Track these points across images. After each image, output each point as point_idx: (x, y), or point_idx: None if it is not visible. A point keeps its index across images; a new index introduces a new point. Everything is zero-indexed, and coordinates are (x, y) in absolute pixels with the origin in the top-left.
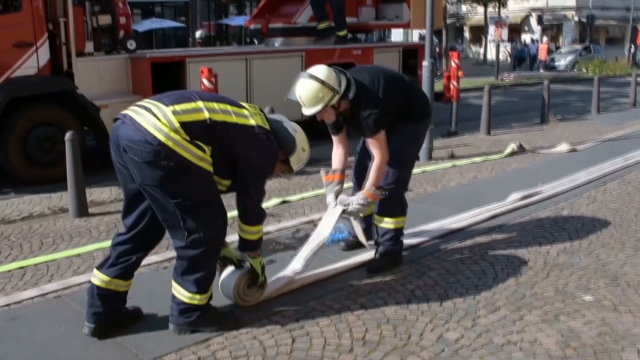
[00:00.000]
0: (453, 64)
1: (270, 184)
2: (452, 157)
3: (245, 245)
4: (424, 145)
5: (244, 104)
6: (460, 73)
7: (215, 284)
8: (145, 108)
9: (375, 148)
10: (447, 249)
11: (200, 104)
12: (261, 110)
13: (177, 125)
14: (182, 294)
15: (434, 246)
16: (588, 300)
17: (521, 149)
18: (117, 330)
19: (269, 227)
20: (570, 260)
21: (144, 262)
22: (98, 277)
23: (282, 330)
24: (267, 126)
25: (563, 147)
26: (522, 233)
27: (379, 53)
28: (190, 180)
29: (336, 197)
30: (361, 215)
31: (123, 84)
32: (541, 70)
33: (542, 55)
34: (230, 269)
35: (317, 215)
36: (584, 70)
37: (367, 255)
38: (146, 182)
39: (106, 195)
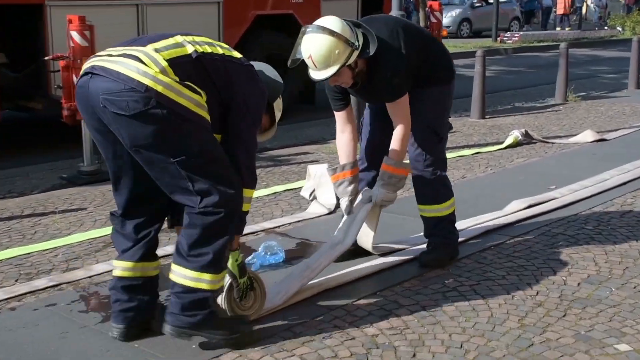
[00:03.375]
0: (433, 19)
1: None
2: None
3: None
4: None
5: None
6: (443, 32)
7: None
8: (119, 55)
9: (399, 115)
10: (424, 276)
11: (179, 38)
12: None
13: (164, 64)
14: (187, 276)
15: (405, 273)
16: (624, 350)
17: (527, 138)
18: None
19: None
20: (596, 294)
21: None
22: (120, 267)
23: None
24: (250, 63)
25: (587, 136)
26: (527, 255)
27: (328, 0)
28: (193, 131)
29: (352, 202)
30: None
31: None
32: (557, 29)
33: (561, 7)
34: None
35: (270, 224)
36: (619, 29)
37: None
38: (138, 142)
39: None
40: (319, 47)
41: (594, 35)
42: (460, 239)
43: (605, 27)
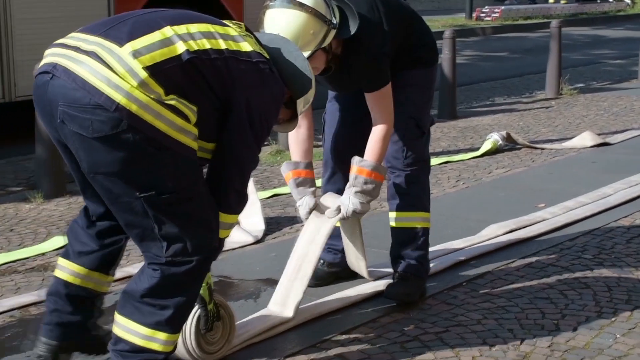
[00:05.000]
0: None
1: None
2: None
3: None
4: None
5: (226, 22)
6: None
7: None
8: (88, 53)
9: (380, 108)
10: (377, 322)
11: (168, 31)
12: (248, 31)
13: (143, 75)
14: (136, 332)
15: (352, 317)
16: None
17: (510, 143)
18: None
19: None
20: (597, 341)
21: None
22: (68, 270)
23: None
24: (265, 53)
25: (585, 140)
26: (509, 293)
27: None
28: (169, 163)
29: (310, 205)
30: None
31: None
32: (551, 1)
33: None
34: None
35: None
36: (627, 1)
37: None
38: (98, 169)
39: None
40: (287, 26)
41: (596, 9)
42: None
43: (610, 0)
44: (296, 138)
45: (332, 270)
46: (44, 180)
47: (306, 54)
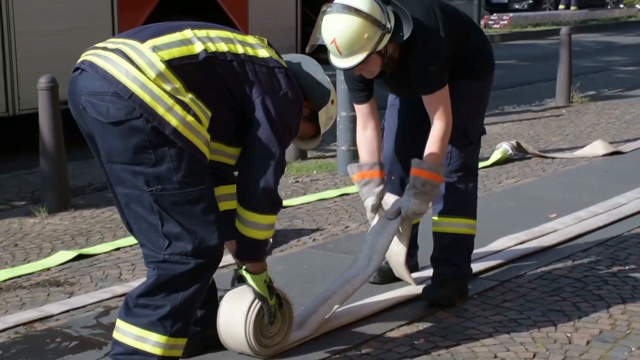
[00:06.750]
0: None
1: None
2: None
3: (245, 249)
4: (343, 147)
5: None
6: None
7: None
8: (113, 50)
9: (438, 110)
10: (386, 336)
11: (188, 33)
12: (270, 45)
13: (161, 67)
14: (128, 332)
15: (361, 332)
16: None
17: (520, 153)
18: None
19: None
20: (611, 355)
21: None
22: None
23: None
24: (282, 62)
25: (596, 149)
26: (521, 306)
27: None
28: (176, 158)
29: (375, 206)
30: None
31: None
32: (561, 7)
33: None
34: (233, 293)
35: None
36: (638, 7)
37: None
38: (114, 158)
39: None
40: (344, 31)
41: (606, 15)
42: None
43: (621, 6)
44: (364, 139)
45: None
46: (48, 194)
47: (361, 57)
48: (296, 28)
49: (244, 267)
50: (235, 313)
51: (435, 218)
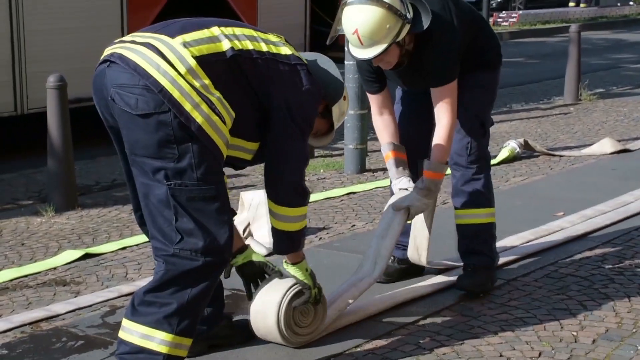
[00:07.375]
0: None
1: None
2: None
3: (282, 242)
4: (350, 145)
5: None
6: None
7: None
8: (143, 44)
9: (445, 104)
10: (392, 334)
11: (215, 30)
12: (287, 42)
13: (192, 63)
14: (134, 331)
15: (367, 330)
16: None
17: (527, 151)
18: None
19: None
20: (617, 353)
21: None
22: None
23: None
24: (304, 59)
25: (604, 147)
26: (527, 304)
27: None
28: (198, 155)
29: (407, 187)
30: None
31: None
32: (571, 4)
33: None
34: (265, 287)
35: None
36: None
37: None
38: (137, 150)
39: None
40: (366, 21)
41: (616, 13)
42: (433, 286)
43: (631, 3)
44: (382, 122)
45: (402, 266)
46: (55, 193)
47: (382, 47)
48: (305, 26)
49: (284, 260)
50: (271, 297)
51: (459, 211)
